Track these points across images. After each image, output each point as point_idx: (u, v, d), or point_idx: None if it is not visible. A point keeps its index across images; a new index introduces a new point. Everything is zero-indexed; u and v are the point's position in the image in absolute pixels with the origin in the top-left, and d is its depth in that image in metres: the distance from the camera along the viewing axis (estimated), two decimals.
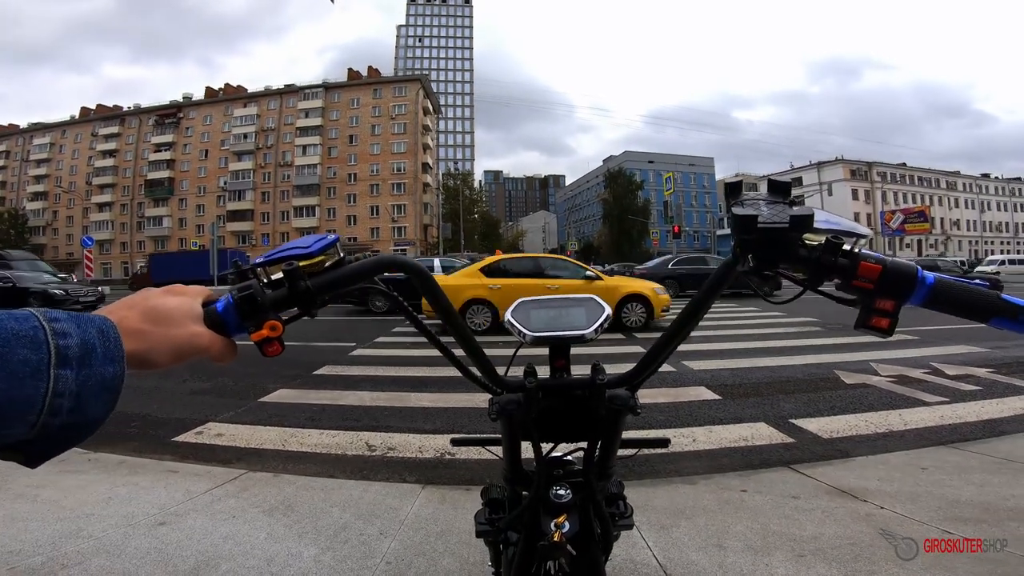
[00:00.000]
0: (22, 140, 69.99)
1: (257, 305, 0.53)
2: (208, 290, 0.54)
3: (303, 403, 4.71)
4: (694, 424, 3.96)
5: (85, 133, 67.98)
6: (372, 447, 3.58)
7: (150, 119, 66.46)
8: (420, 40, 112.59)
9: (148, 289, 0.50)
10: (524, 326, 0.76)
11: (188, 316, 0.49)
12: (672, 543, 2.21)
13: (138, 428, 3.99)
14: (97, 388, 0.39)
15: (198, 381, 5.49)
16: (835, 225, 0.59)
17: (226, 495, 2.72)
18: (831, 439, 3.60)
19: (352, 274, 0.61)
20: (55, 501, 2.58)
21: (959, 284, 0.54)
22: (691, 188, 79.96)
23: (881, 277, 0.55)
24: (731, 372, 5.68)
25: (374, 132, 62.67)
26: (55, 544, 2.17)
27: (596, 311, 0.78)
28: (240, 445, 3.64)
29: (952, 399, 4.45)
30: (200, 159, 65.12)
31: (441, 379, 5.45)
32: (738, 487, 2.77)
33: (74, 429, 0.38)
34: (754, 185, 53.32)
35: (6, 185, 69.47)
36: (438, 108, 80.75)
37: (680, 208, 43.45)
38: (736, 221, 0.57)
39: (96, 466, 3.10)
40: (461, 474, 3.14)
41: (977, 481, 2.76)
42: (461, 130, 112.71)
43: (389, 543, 2.23)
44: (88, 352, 0.39)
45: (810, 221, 0.56)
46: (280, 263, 0.57)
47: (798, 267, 0.59)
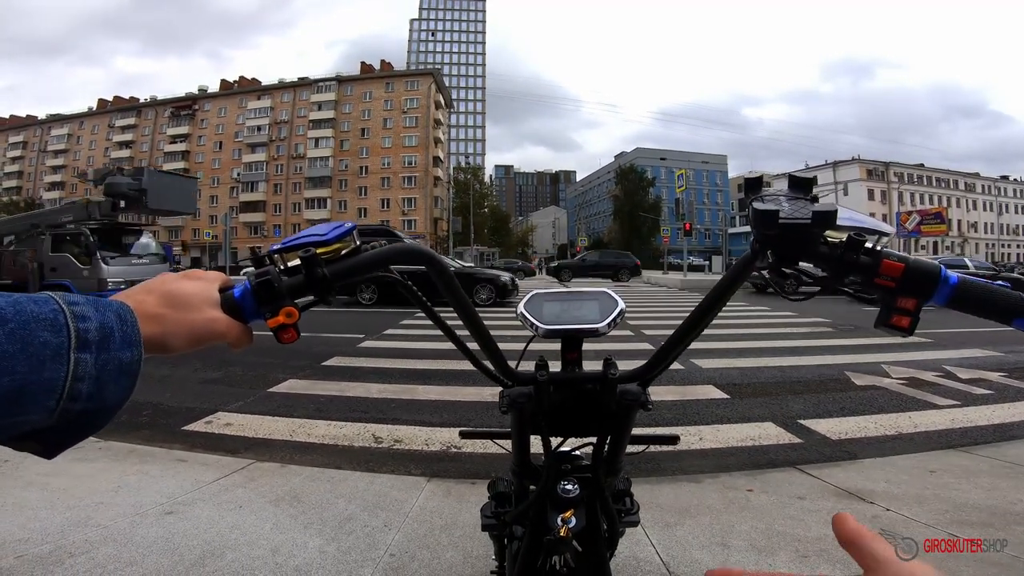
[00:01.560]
0: (40, 131, 70.99)
1: (274, 291, 0.53)
2: (225, 276, 0.54)
3: (311, 394, 4.74)
4: (701, 423, 3.95)
5: (102, 124, 68.84)
6: (379, 439, 3.60)
7: (166, 111, 67.17)
8: (433, 34, 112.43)
9: (165, 274, 0.51)
10: (536, 319, 0.75)
11: (205, 301, 0.49)
12: (676, 541, 2.21)
13: (149, 417, 4.04)
14: (115, 372, 0.38)
15: (209, 370, 5.55)
16: (858, 222, 0.58)
17: (234, 485, 2.75)
18: (839, 440, 3.57)
19: (368, 262, 0.61)
20: (65, 489, 2.62)
21: (982, 284, 0.53)
22: (703, 186, 79.51)
23: (903, 276, 0.54)
24: (740, 371, 5.65)
25: (386, 125, 62.91)
26: (63, 532, 2.20)
27: (609, 305, 0.77)
28: (248, 435, 3.68)
29: (963, 402, 4.40)
30: (214, 151, 65.77)
31: (449, 372, 5.47)
32: (744, 487, 2.76)
33: (93, 415, 0.38)
34: (768, 183, 52.83)
35: (24, 175, 70.42)
36: (450, 102, 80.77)
37: (692, 205, 43.18)
38: (756, 216, 0.56)
39: (107, 454, 3.14)
40: (467, 468, 3.15)
41: (985, 485, 2.73)
42: (472, 124, 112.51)
43: (393, 535, 2.24)
44: (107, 336, 0.38)
45: (833, 217, 0.55)
46: (297, 250, 0.57)
47: (819, 264, 0.58)
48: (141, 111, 68.25)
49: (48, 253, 12.01)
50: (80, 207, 12.36)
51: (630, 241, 62.24)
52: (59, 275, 11.80)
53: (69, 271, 11.84)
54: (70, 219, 12.16)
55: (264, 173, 63.78)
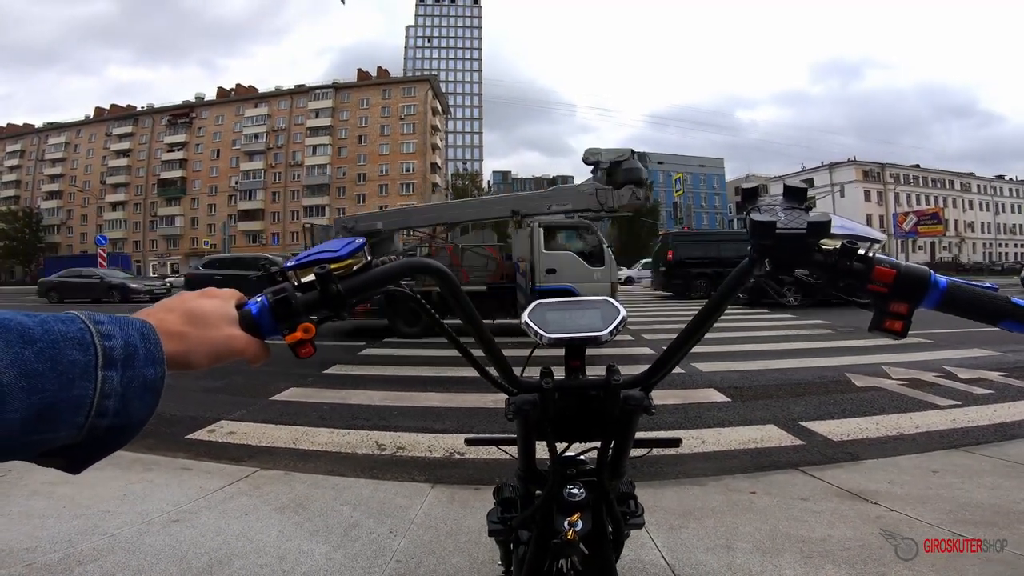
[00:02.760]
0: (37, 139, 70.85)
1: (291, 308, 0.55)
2: (239, 293, 0.56)
3: (314, 402, 4.75)
4: (703, 426, 3.96)
5: (99, 133, 68.71)
6: (382, 446, 3.61)
7: (163, 119, 67.05)
8: (429, 41, 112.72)
9: (184, 292, 0.52)
10: (541, 327, 0.77)
11: (224, 319, 0.51)
12: (681, 544, 2.21)
13: (153, 425, 4.00)
14: (140, 389, 0.39)
15: (211, 379, 5.55)
16: (850, 230, 0.60)
17: (238, 493, 2.75)
18: (841, 442, 3.58)
19: (381, 277, 0.62)
20: (71, 498, 2.62)
21: (971, 288, 0.56)
22: (701, 189, 79.66)
23: (895, 281, 0.56)
24: (741, 374, 5.66)
25: (383, 132, 62.88)
26: (71, 541, 2.20)
27: (612, 313, 0.79)
28: (252, 443, 3.68)
29: (964, 402, 4.42)
30: (212, 159, 65.64)
31: (450, 379, 5.47)
32: (747, 489, 2.77)
33: (119, 431, 0.39)
34: (765, 187, 52.91)
35: (21, 184, 70.35)
36: (447, 108, 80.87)
37: (690, 209, 43.18)
38: (754, 227, 0.58)
39: (111, 463, 3.13)
40: (470, 474, 3.16)
41: (988, 484, 2.74)
42: (470, 130, 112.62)
43: (399, 542, 2.25)
44: (132, 354, 0.39)
45: (827, 227, 0.57)
46: (311, 267, 0.58)
47: (814, 271, 0.60)
48: (138, 119, 68.12)
49: (541, 250, 9.21)
50: (584, 194, 8.82)
51: (628, 245, 62.29)
52: (558, 278, 9.08)
53: (574, 273, 9.12)
54: (568, 207, 9.04)
55: (262, 181, 63.65)
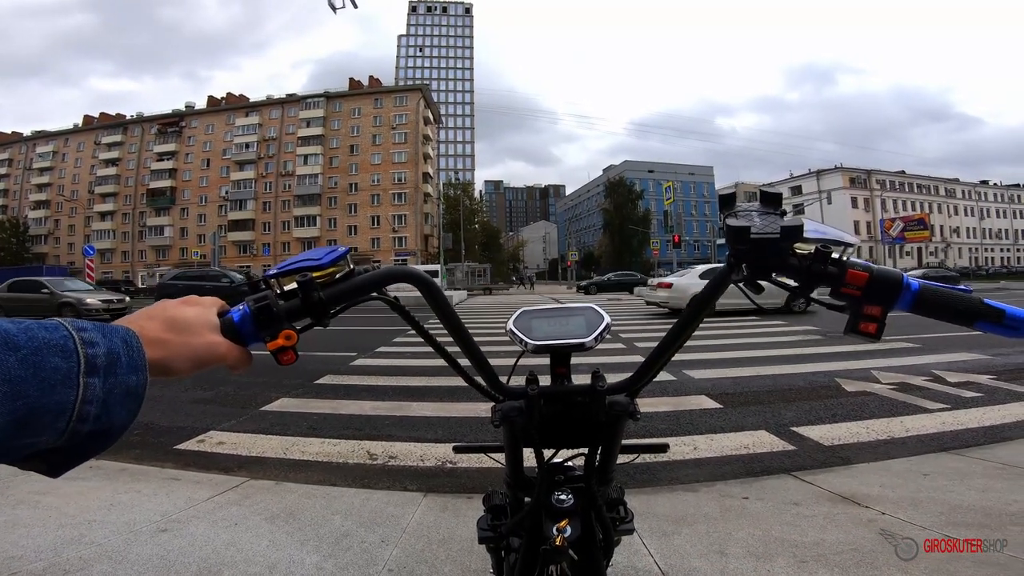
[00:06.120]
0: (25, 148, 70.22)
1: (273, 315, 0.55)
2: (221, 301, 0.56)
3: (304, 412, 4.71)
4: (695, 432, 3.96)
5: (88, 141, 68.08)
6: (373, 456, 3.58)
7: (152, 128, 66.56)
8: (421, 50, 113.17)
9: (165, 300, 0.52)
10: (525, 335, 0.77)
11: (205, 326, 0.51)
12: (674, 550, 2.21)
13: (140, 436, 3.98)
14: (122, 395, 0.40)
15: (200, 390, 5.49)
16: (823, 234, 0.60)
17: (228, 502, 2.72)
18: (832, 446, 3.60)
19: (363, 285, 0.63)
20: (57, 507, 2.58)
21: (943, 290, 0.56)
22: (691, 197, 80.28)
23: (868, 284, 0.56)
24: (732, 381, 5.68)
25: (375, 142, 62.81)
26: (56, 550, 2.17)
27: (596, 320, 0.79)
28: (242, 453, 3.64)
29: (954, 406, 4.45)
30: (202, 168, 65.18)
31: (442, 389, 5.45)
32: (740, 494, 2.77)
33: (100, 436, 0.39)
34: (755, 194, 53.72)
35: (8, 193, 69.64)
36: (439, 118, 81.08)
37: (680, 217, 43.48)
38: (730, 232, 0.59)
39: (98, 473, 3.10)
40: (462, 483, 3.14)
41: (979, 487, 2.76)
42: (462, 140, 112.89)
43: (391, 551, 2.23)
44: (114, 361, 0.40)
45: (800, 231, 0.57)
46: (293, 274, 0.58)
47: (789, 275, 0.60)
48: (127, 129, 67.49)
49: None
50: None
51: (621, 254, 62.53)
52: None
53: None
54: None
55: (252, 191, 63.20)
